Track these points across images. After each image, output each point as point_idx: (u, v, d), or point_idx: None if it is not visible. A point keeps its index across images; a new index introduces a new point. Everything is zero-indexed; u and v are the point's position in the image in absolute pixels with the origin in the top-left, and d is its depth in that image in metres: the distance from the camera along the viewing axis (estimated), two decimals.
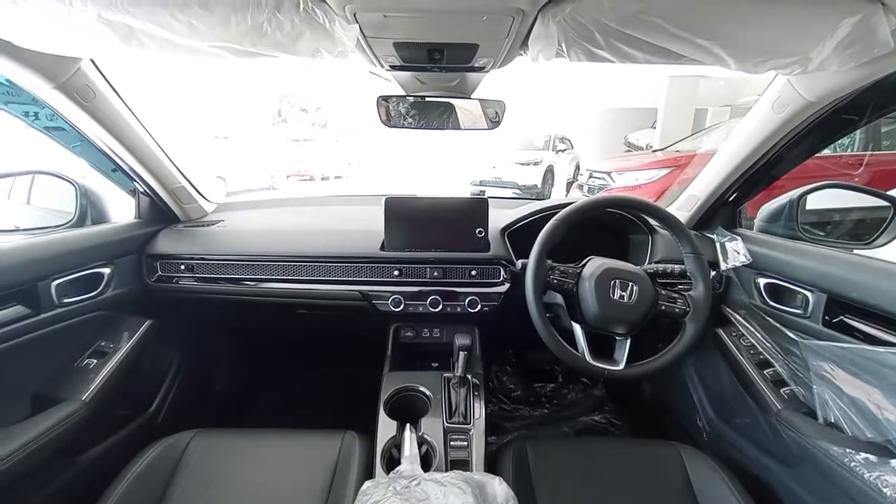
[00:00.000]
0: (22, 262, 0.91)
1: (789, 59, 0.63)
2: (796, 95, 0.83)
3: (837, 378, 0.88)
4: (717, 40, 0.61)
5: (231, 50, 0.66)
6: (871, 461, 0.78)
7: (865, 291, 0.84)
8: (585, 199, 1.04)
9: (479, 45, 0.74)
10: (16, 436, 0.84)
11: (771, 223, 1.20)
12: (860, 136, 4.39)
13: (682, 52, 0.65)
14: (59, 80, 0.84)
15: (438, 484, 0.74)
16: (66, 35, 0.61)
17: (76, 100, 0.89)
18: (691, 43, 0.62)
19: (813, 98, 0.81)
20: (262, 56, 0.69)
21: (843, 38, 0.58)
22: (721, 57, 0.64)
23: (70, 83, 0.85)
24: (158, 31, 0.61)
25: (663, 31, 0.61)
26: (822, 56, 0.61)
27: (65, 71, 0.84)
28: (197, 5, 0.58)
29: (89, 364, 1.04)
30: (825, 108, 0.82)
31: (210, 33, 0.62)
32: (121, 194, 1.25)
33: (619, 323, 0.97)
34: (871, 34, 0.57)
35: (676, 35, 0.61)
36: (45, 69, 0.81)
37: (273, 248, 1.22)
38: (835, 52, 0.60)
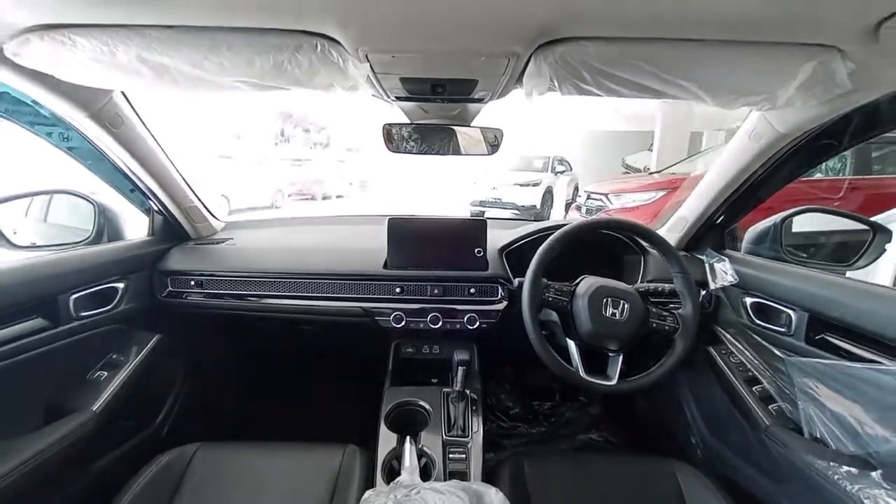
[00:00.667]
0: (45, 276, 0.96)
1: (758, 97, 0.70)
2: (770, 127, 0.90)
3: (821, 394, 0.91)
4: (693, 81, 0.68)
5: (254, 84, 0.73)
6: (853, 474, 0.81)
7: (845, 310, 0.88)
8: (580, 220, 1.10)
9: (478, 80, 0.81)
10: (28, 446, 0.86)
11: (757, 245, 1.26)
12: (851, 160, 4.51)
13: (663, 90, 0.71)
14: (92, 110, 0.91)
15: (437, 492, 0.76)
16: (106, 72, 0.68)
17: (106, 127, 0.96)
18: (671, 82, 0.69)
19: (784, 130, 0.88)
20: (281, 89, 0.76)
21: (804, 79, 0.65)
22: (698, 94, 0.71)
23: (102, 112, 0.93)
24: (190, 69, 0.68)
25: (645, 72, 0.68)
26: (787, 95, 0.67)
27: (98, 101, 0.91)
28: (226, 48, 0.65)
29: (101, 376, 1.07)
30: (796, 139, 0.89)
31: (236, 71, 0.68)
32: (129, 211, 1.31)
33: (611, 339, 1.01)
34: (830, 76, 0.64)
35: (657, 75, 0.68)
36: (82, 100, 0.88)
37: (279, 265, 1.27)
38: (798, 92, 0.67)
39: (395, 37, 0.66)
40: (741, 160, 1.02)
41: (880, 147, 4.64)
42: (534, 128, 10.72)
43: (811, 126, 0.84)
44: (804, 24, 0.58)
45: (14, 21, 0.62)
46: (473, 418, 1.08)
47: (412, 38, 0.67)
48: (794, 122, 0.85)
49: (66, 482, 0.98)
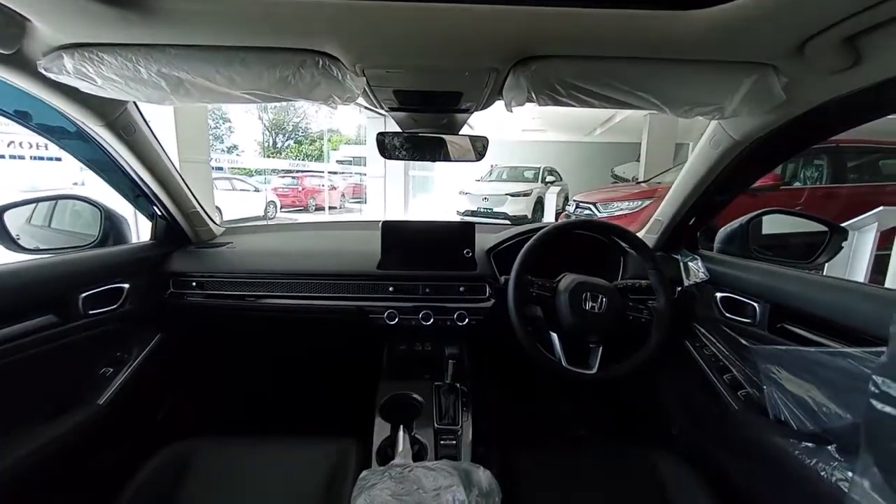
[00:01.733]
0: (58, 275, 1.02)
1: (709, 107, 0.79)
2: (726, 135, 1.00)
3: (782, 378, 0.99)
4: (651, 93, 0.77)
5: (260, 96, 0.80)
6: (811, 449, 0.88)
7: (800, 300, 0.96)
8: (560, 221, 1.18)
9: (463, 93, 0.90)
10: (37, 436, 0.91)
11: (727, 244, 1.35)
12: (828, 170, 4.70)
13: (627, 101, 0.80)
14: (108, 119, 0.98)
15: (429, 469, 0.83)
16: (127, 85, 0.75)
17: (120, 135, 1.03)
18: (632, 94, 0.78)
19: (739, 137, 0.98)
20: (283, 100, 0.83)
21: (746, 92, 0.74)
22: (657, 104, 0.80)
23: (117, 121, 1.00)
24: (204, 82, 0.75)
25: (609, 85, 0.77)
26: (733, 106, 0.77)
27: (115, 111, 0.98)
28: (238, 63, 0.72)
29: (107, 372, 1.12)
30: (750, 145, 0.99)
31: (246, 84, 0.76)
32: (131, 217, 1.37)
33: (591, 331, 1.09)
34: (768, 89, 0.74)
35: (620, 88, 0.77)
36: (99, 109, 0.95)
37: (277, 266, 1.33)
38: (742, 103, 0.76)
39: (389, 55, 0.75)
40: (705, 165, 1.11)
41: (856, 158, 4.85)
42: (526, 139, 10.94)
43: (760, 133, 0.94)
44: (742, 44, 0.68)
45: (51, 41, 0.69)
46: (463, 409, 1.14)
47: (404, 56, 0.75)
48: (746, 129, 0.95)
49: (71, 473, 1.02)
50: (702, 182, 1.15)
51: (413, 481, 0.80)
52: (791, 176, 4.84)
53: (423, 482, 0.79)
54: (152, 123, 1.11)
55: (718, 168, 1.09)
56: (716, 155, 1.05)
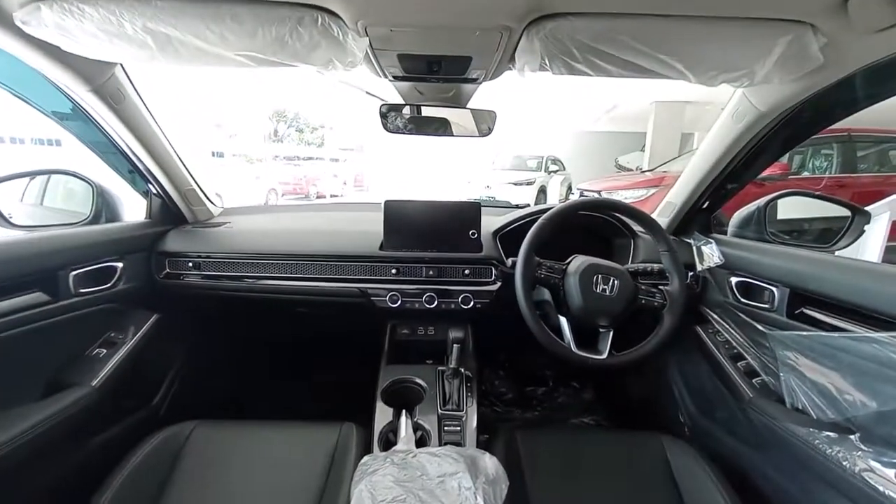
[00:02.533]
0: (47, 251, 0.98)
1: (737, 73, 0.74)
2: (751, 107, 0.93)
3: (801, 365, 0.95)
4: (675, 56, 0.72)
5: (254, 59, 0.75)
6: (833, 438, 0.85)
7: (823, 284, 0.92)
8: (571, 201, 1.13)
9: (472, 57, 0.84)
10: (27, 416, 0.87)
11: (742, 228, 1.30)
12: (838, 160, 4.62)
13: (648, 66, 0.75)
14: (95, 84, 0.92)
15: (433, 455, 0.79)
16: (111, 43, 0.70)
17: (108, 102, 0.97)
18: (654, 58, 0.72)
19: (765, 109, 0.92)
20: (280, 65, 0.78)
21: (780, 54, 0.68)
22: (680, 70, 0.74)
23: (105, 87, 0.94)
24: (193, 40, 0.70)
25: (629, 48, 0.71)
26: (765, 70, 0.71)
27: (102, 75, 0.92)
28: (230, 19, 0.67)
29: (99, 353, 1.08)
30: (777, 117, 0.93)
31: (238, 43, 0.71)
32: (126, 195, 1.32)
33: (601, 315, 1.04)
34: (804, 51, 0.68)
35: (641, 51, 0.71)
36: (85, 73, 0.89)
37: (276, 247, 1.29)
38: (775, 67, 0.70)
39: (394, 10, 0.69)
40: (724, 142, 1.05)
41: (866, 147, 4.77)
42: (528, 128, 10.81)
43: (790, 104, 0.88)
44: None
45: None
46: (468, 394, 1.11)
47: (410, 12, 0.69)
48: (774, 100, 0.89)
49: (64, 455, 0.99)
50: (720, 160, 1.10)
51: (417, 467, 0.76)
52: (799, 166, 4.76)
53: (427, 468, 0.76)
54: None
55: (740, 144, 1.03)
56: (738, 129, 1.00)
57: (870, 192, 4.16)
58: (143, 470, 0.90)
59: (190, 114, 10.03)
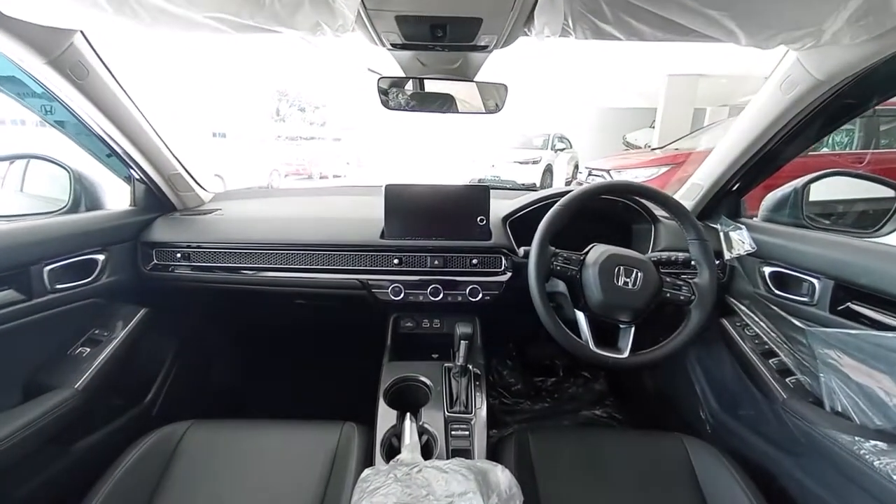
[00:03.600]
0: (15, 245, 0.89)
1: (801, 31, 0.62)
2: (806, 74, 0.81)
3: (844, 365, 0.87)
4: (727, 11, 0.60)
5: (228, 22, 0.64)
6: (881, 448, 0.77)
7: (875, 277, 0.83)
8: (588, 185, 1.02)
9: (482, 19, 0.72)
10: (5, 423, 0.82)
11: (775, 212, 1.20)
12: (859, 134, 4.41)
13: (692, 26, 0.63)
14: (51, 55, 0.82)
15: (440, 471, 0.72)
16: (56, 4, 0.59)
17: (69, 77, 0.87)
18: (701, 14, 0.61)
19: (823, 77, 0.79)
20: (260, 30, 0.67)
21: (856, 8, 0.57)
22: (731, 30, 0.63)
23: (63, 59, 0.83)
24: (154, 1, 0.59)
25: (672, 3, 0.60)
26: (835, 28, 0.59)
27: (57, 45, 0.82)
28: None
29: (82, 352, 1.02)
30: (835, 87, 0.81)
31: (208, 3, 0.60)
32: (115, 182, 1.24)
33: (623, 310, 0.96)
34: (885, 4, 0.56)
35: (686, 6, 0.59)
36: (38, 43, 0.79)
37: (271, 236, 1.20)
38: (847, 24, 0.58)
39: None
40: (769, 115, 0.93)
41: (889, 120, 4.55)
42: (534, 104, 10.52)
43: (854, 70, 0.75)
44: None
45: None
46: (476, 394, 1.03)
47: None
48: (835, 66, 0.76)
49: (47, 461, 0.94)
50: (760, 137, 0.98)
51: (422, 485, 0.69)
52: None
53: (433, 486, 0.69)
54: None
55: (787, 117, 0.91)
56: (786, 101, 0.87)
57: (893, 170, 3.98)
58: (134, 474, 0.85)
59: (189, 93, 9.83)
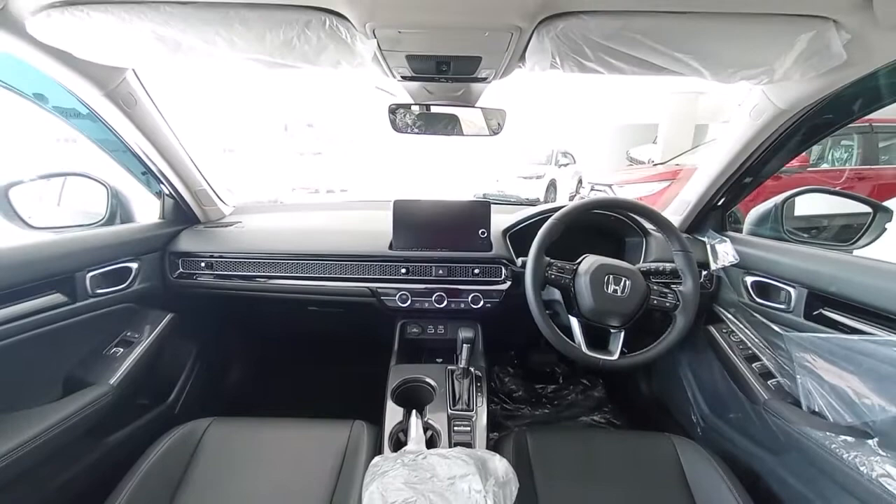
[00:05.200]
0: (63, 253, 1.00)
1: (757, 70, 0.71)
2: (769, 104, 0.91)
3: (818, 367, 0.93)
4: (692, 54, 0.70)
5: (263, 62, 0.75)
6: (850, 443, 0.83)
7: (843, 285, 0.90)
8: (580, 200, 1.11)
9: (482, 57, 0.82)
10: (47, 415, 0.89)
11: (758, 226, 1.27)
12: (858, 150, 4.48)
13: (663, 65, 0.73)
14: (107, 88, 0.93)
15: (443, 457, 0.80)
16: (120, 48, 0.71)
17: (120, 106, 0.98)
18: (669, 56, 0.70)
19: (785, 106, 0.89)
20: (289, 67, 0.78)
21: (801, 51, 0.66)
22: (697, 69, 0.72)
23: (116, 91, 0.95)
24: (202, 45, 0.70)
25: (643, 46, 0.70)
26: (785, 67, 0.69)
27: (113, 80, 0.93)
28: (238, 23, 0.67)
29: (116, 352, 1.11)
30: (797, 115, 0.90)
31: (247, 47, 0.71)
32: (145, 197, 1.34)
33: (612, 315, 1.03)
34: (826, 47, 0.65)
35: (655, 49, 0.69)
36: (97, 78, 0.90)
37: (287, 247, 1.30)
38: (795, 64, 0.68)
39: (402, 12, 0.68)
40: (742, 139, 1.03)
41: (888, 137, 4.61)
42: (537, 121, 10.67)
43: (810, 101, 0.85)
44: None
45: None
46: (478, 394, 1.11)
47: (418, 13, 0.68)
48: (794, 97, 0.86)
49: (82, 453, 1.02)
50: (737, 157, 1.07)
51: (427, 469, 0.76)
52: (818, 157, 4.62)
53: (437, 470, 0.76)
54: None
55: (758, 141, 1.00)
56: (756, 127, 0.97)
57: (892, 185, 4.03)
58: (161, 467, 0.91)
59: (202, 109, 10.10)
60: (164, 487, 0.88)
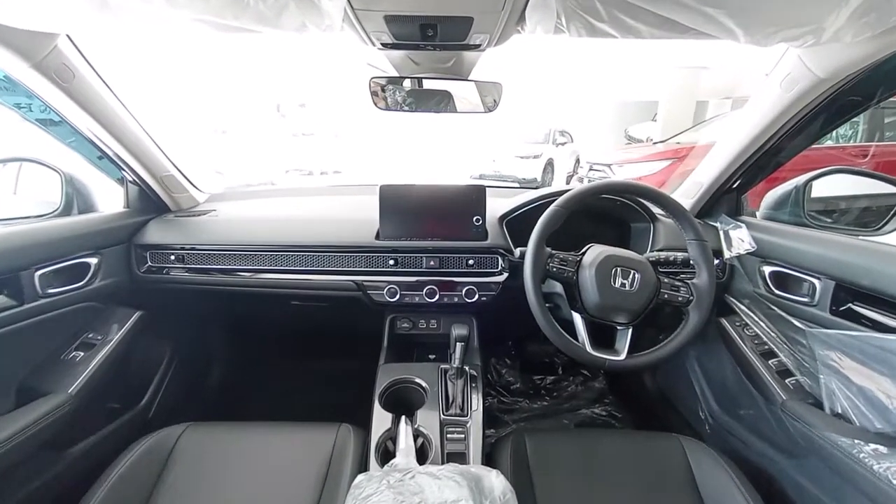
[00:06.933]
0: (5, 250, 0.89)
1: (802, 29, 0.60)
2: (807, 72, 0.79)
3: (845, 367, 0.86)
4: (725, 8, 0.58)
5: (211, 23, 0.63)
6: (881, 452, 0.76)
7: (877, 278, 0.81)
8: (585, 184, 1.01)
9: (473, 18, 0.70)
10: (2, 428, 0.81)
11: (776, 210, 1.18)
12: (863, 127, 4.36)
13: (689, 24, 0.61)
14: (35, 59, 0.80)
15: (433, 477, 0.71)
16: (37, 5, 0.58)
17: (54, 80, 0.85)
18: (699, 12, 0.59)
19: (824, 74, 0.77)
20: (245, 31, 0.65)
21: (858, 5, 0.55)
22: (730, 28, 0.61)
23: (47, 62, 0.82)
24: (135, 2, 0.57)
25: (669, 1, 0.58)
26: (837, 25, 0.57)
27: (41, 49, 0.80)
28: None
29: (76, 357, 1.02)
30: (837, 84, 0.79)
31: (190, 6, 0.58)
32: (108, 184, 1.22)
33: (620, 312, 0.94)
34: (888, 1, 0.54)
35: (683, 3, 0.57)
36: (20, 47, 0.77)
37: (266, 237, 1.19)
38: (849, 21, 0.57)
39: None
40: (769, 113, 0.92)
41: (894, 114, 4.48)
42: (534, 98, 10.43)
43: (856, 68, 0.73)
44: None
45: None
46: (473, 396, 1.03)
47: None
48: (837, 63, 0.74)
49: (42, 467, 0.94)
50: (761, 135, 0.96)
51: (415, 492, 0.68)
52: None
53: (426, 493, 0.68)
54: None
55: (788, 115, 0.89)
56: (787, 99, 0.86)
57: None
58: (129, 478, 0.84)
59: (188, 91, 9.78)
60: (134, 499, 0.82)
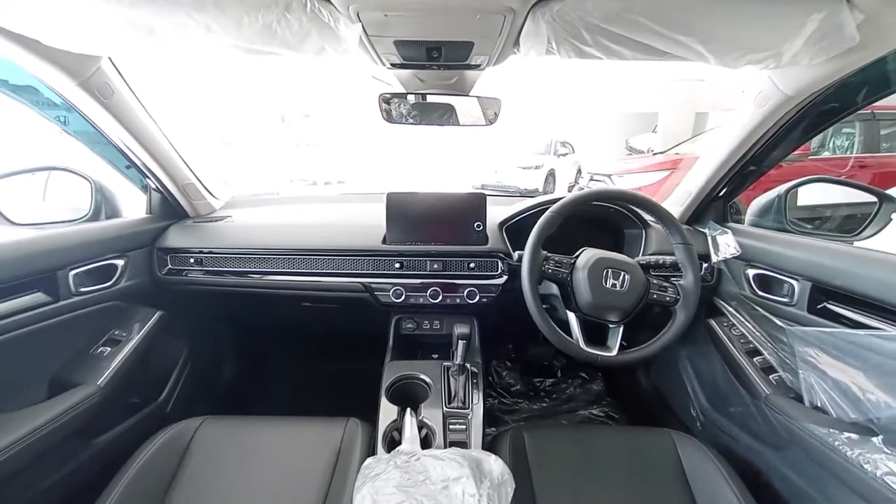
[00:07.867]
0: (44, 251, 0.96)
1: (763, 53, 0.67)
2: (775, 90, 0.87)
3: (822, 362, 0.91)
4: (695, 36, 0.66)
5: (244, 49, 0.71)
6: (854, 440, 0.81)
7: (849, 278, 0.87)
8: (578, 192, 1.08)
9: (474, 42, 0.78)
10: (33, 417, 0.87)
11: (761, 217, 1.24)
12: (860, 138, 4.43)
13: (665, 49, 0.69)
14: (81, 78, 0.89)
15: (437, 459, 0.77)
16: (90, 33, 0.66)
17: (96, 97, 0.94)
18: (672, 39, 0.66)
19: (791, 92, 0.85)
20: (272, 54, 0.74)
21: (811, 33, 0.62)
22: (701, 53, 0.68)
23: (91, 81, 0.91)
24: (175, 31, 0.66)
25: (645, 29, 0.66)
26: (794, 50, 0.65)
27: (87, 69, 0.89)
28: (212, 6, 0.63)
29: (103, 352, 1.08)
30: (804, 101, 0.86)
31: (224, 32, 0.67)
32: (132, 191, 1.31)
33: (611, 310, 1.01)
34: (838, 29, 0.62)
35: (658, 32, 0.65)
36: (69, 67, 0.86)
37: (278, 241, 1.27)
38: (805, 47, 0.64)
39: None
40: (746, 127, 0.99)
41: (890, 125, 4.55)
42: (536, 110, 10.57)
43: (819, 87, 0.81)
44: None
45: None
46: (474, 391, 1.08)
47: None
48: (802, 82, 0.82)
49: (71, 454, 1.00)
50: (741, 146, 1.04)
51: (420, 471, 0.74)
52: (819, 145, 4.58)
53: (430, 472, 0.74)
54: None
55: (762, 129, 0.97)
56: (761, 114, 0.93)
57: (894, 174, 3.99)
58: (151, 467, 0.90)
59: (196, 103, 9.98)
60: (155, 487, 0.87)
